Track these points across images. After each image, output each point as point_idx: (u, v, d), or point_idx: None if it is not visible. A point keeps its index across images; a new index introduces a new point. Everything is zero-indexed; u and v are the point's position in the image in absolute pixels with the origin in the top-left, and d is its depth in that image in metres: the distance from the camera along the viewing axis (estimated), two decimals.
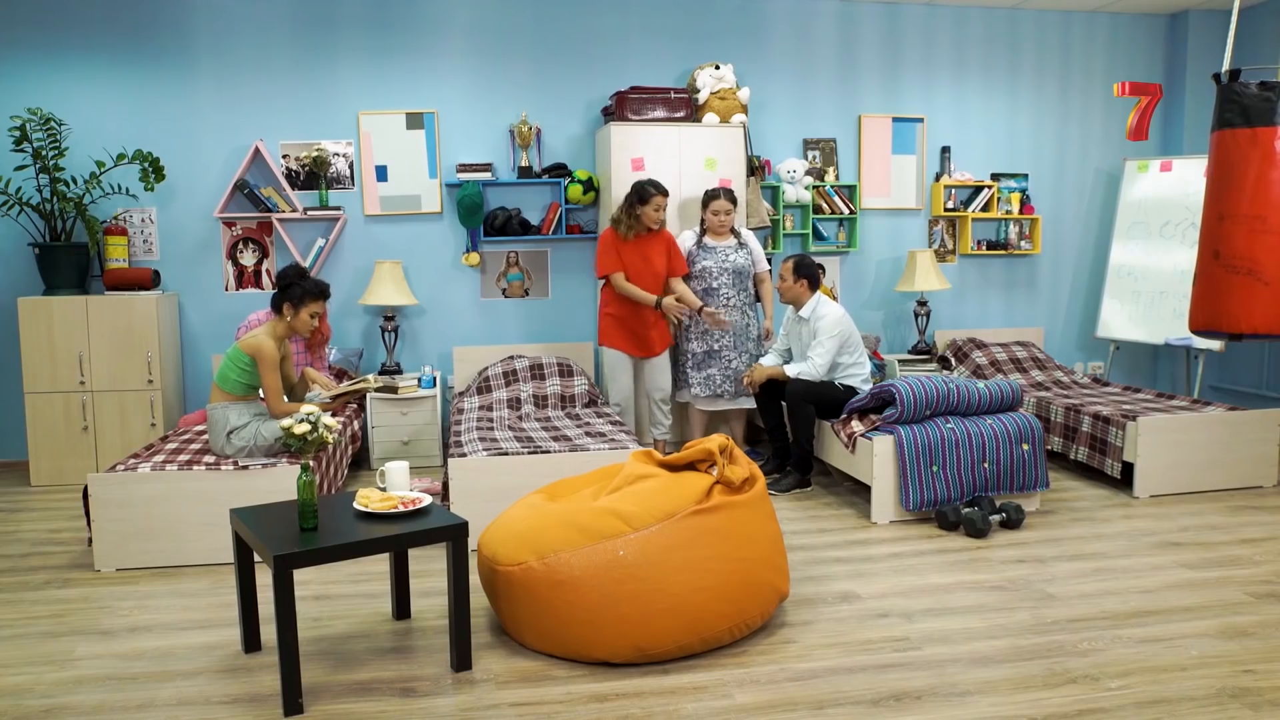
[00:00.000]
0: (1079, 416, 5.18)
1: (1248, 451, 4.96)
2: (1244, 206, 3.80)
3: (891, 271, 6.66)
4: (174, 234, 5.78)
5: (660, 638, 2.95)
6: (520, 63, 6.02)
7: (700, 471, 3.26)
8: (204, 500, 3.95)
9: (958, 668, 2.97)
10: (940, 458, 4.42)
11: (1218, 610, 3.41)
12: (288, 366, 4.26)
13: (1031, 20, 6.64)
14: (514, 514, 3.27)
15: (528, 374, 5.65)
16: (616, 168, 5.60)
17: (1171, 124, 6.86)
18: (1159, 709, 2.70)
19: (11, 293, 5.65)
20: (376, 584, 3.76)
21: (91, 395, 5.34)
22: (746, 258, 5.39)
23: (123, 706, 2.78)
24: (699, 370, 5.37)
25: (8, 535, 4.45)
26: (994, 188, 6.57)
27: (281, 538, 2.78)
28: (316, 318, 4.17)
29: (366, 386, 4.45)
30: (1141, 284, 6.36)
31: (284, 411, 4.05)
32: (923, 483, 4.41)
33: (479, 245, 6.05)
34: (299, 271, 4.16)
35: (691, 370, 5.39)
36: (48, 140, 5.25)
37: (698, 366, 5.38)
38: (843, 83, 6.44)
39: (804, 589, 3.65)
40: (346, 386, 4.43)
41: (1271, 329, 3.83)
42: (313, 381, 4.40)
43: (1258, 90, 3.78)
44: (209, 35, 5.68)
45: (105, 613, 3.50)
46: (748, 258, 5.40)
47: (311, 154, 5.75)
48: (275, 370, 4.02)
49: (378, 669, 3.01)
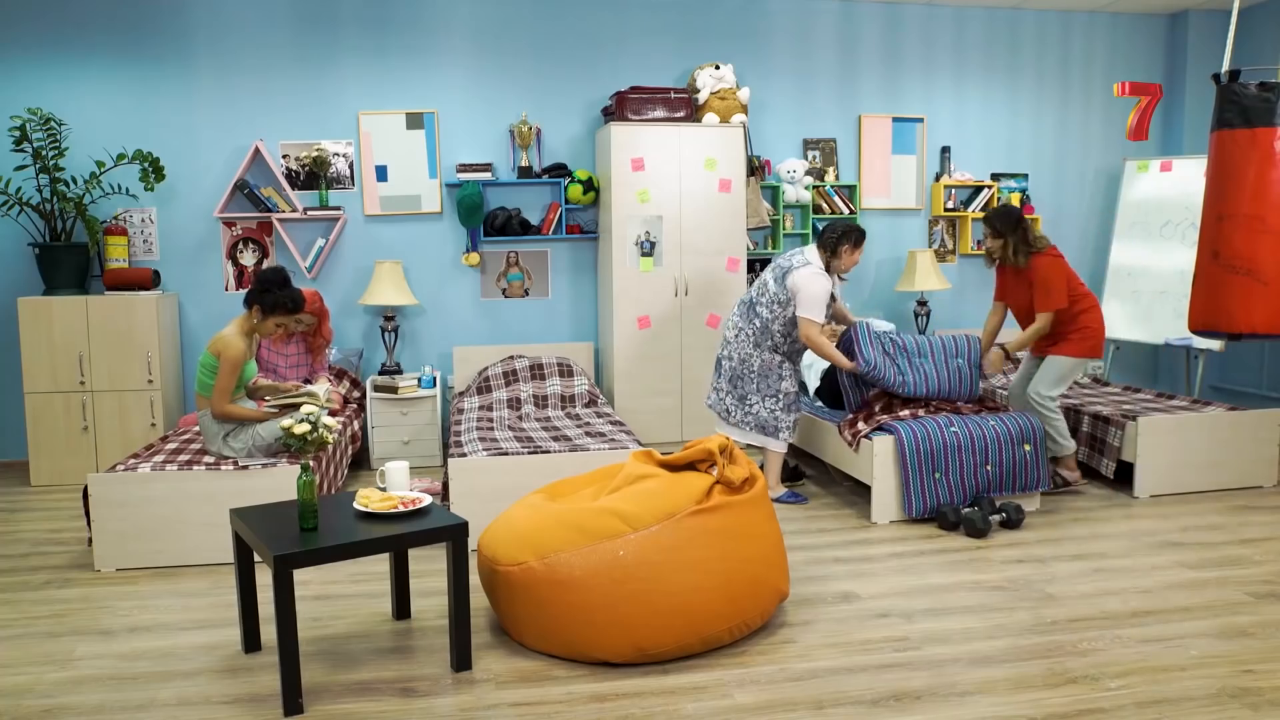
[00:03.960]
0: (1079, 416, 5.18)
1: (1248, 451, 4.96)
2: (1243, 207, 3.80)
3: (891, 271, 6.66)
4: (174, 234, 5.78)
5: (660, 638, 2.95)
6: (520, 63, 6.02)
7: (700, 471, 3.26)
8: (204, 500, 3.95)
9: (958, 668, 2.97)
10: (943, 464, 4.42)
11: (1218, 610, 3.41)
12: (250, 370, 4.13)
13: (1031, 20, 6.64)
14: (514, 514, 3.27)
15: (528, 374, 5.65)
16: (616, 168, 5.60)
17: (1171, 124, 6.86)
18: (1159, 709, 2.70)
19: (11, 293, 5.65)
20: (376, 584, 3.76)
21: (91, 395, 5.34)
22: None
23: (123, 706, 2.78)
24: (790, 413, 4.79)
25: (8, 535, 4.45)
26: (994, 188, 6.58)
27: (281, 538, 2.78)
28: (282, 328, 4.10)
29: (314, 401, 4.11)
30: (1141, 284, 6.36)
31: (225, 413, 4.00)
32: (925, 490, 4.41)
33: (479, 245, 6.05)
34: (282, 279, 4.05)
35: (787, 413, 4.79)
36: (48, 140, 5.25)
37: (789, 409, 4.78)
38: (843, 83, 6.44)
39: (804, 589, 3.65)
40: (290, 398, 4.14)
41: (1271, 329, 3.84)
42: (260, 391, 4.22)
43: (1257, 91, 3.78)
44: (209, 35, 5.68)
45: (105, 613, 3.50)
46: None
47: (311, 154, 5.75)
48: (234, 372, 3.95)
49: (378, 669, 3.01)
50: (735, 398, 4.76)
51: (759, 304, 4.67)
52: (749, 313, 4.71)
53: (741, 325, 4.72)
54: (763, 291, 4.68)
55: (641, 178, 5.64)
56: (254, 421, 4.07)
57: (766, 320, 4.64)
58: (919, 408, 4.63)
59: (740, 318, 4.74)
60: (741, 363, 4.70)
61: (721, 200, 5.75)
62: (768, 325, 4.64)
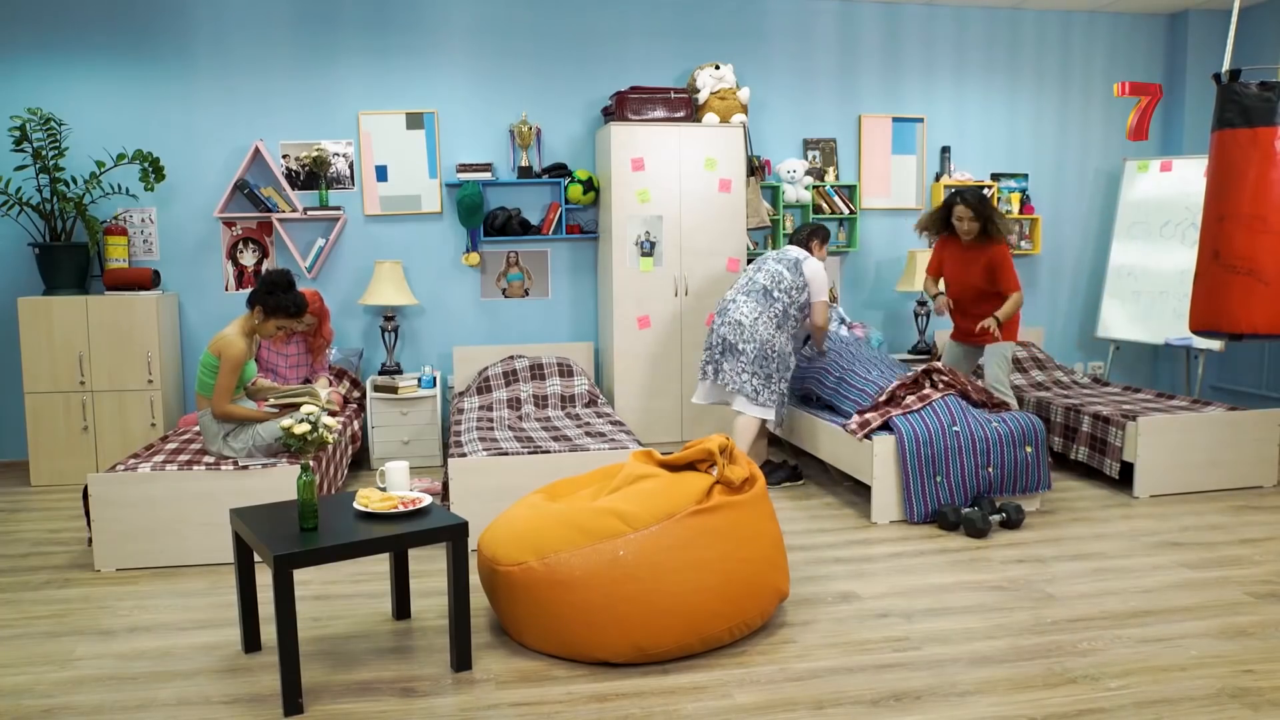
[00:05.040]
0: (1079, 417, 5.18)
1: (1248, 451, 4.96)
2: (1244, 206, 3.80)
3: (891, 271, 6.66)
4: (174, 234, 5.78)
5: (660, 638, 2.95)
6: (520, 63, 6.02)
7: (700, 471, 3.26)
8: (204, 500, 3.95)
9: (958, 668, 2.97)
10: (944, 466, 4.42)
11: (1218, 610, 3.40)
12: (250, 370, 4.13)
13: (1031, 20, 6.64)
14: (514, 514, 3.27)
15: (528, 374, 5.65)
16: (616, 168, 5.60)
17: (1171, 124, 6.86)
18: (1159, 709, 2.70)
19: (11, 293, 5.65)
20: (376, 584, 3.76)
21: (91, 395, 5.34)
22: None
23: (123, 706, 2.78)
24: None
25: (8, 535, 4.45)
26: (994, 188, 6.57)
27: (281, 538, 2.78)
28: (283, 330, 4.12)
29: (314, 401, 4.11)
30: (1142, 284, 6.36)
31: (225, 413, 4.01)
32: (925, 493, 4.41)
33: (479, 245, 6.05)
34: (287, 282, 4.06)
35: None
36: (48, 140, 5.25)
37: None
38: (843, 83, 6.44)
39: (804, 589, 3.65)
40: (289, 398, 4.15)
41: (1271, 329, 3.84)
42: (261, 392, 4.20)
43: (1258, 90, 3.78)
44: (209, 35, 5.68)
45: (105, 613, 3.50)
46: None
47: (311, 154, 5.75)
48: (235, 372, 3.95)
49: (378, 669, 3.01)
50: (761, 378, 4.96)
51: (775, 291, 4.98)
52: (765, 299, 4.98)
53: (760, 311, 4.97)
54: (778, 280, 5.00)
55: (641, 178, 5.64)
56: (254, 421, 4.07)
57: (785, 305, 4.99)
58: (930, 393, 4.63)
59: (757, 304, 4.98)
60: (765, 344, 4.94)
61: (721, 200, 5.75)
62: (787, 310, 5.00)
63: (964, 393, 4.76)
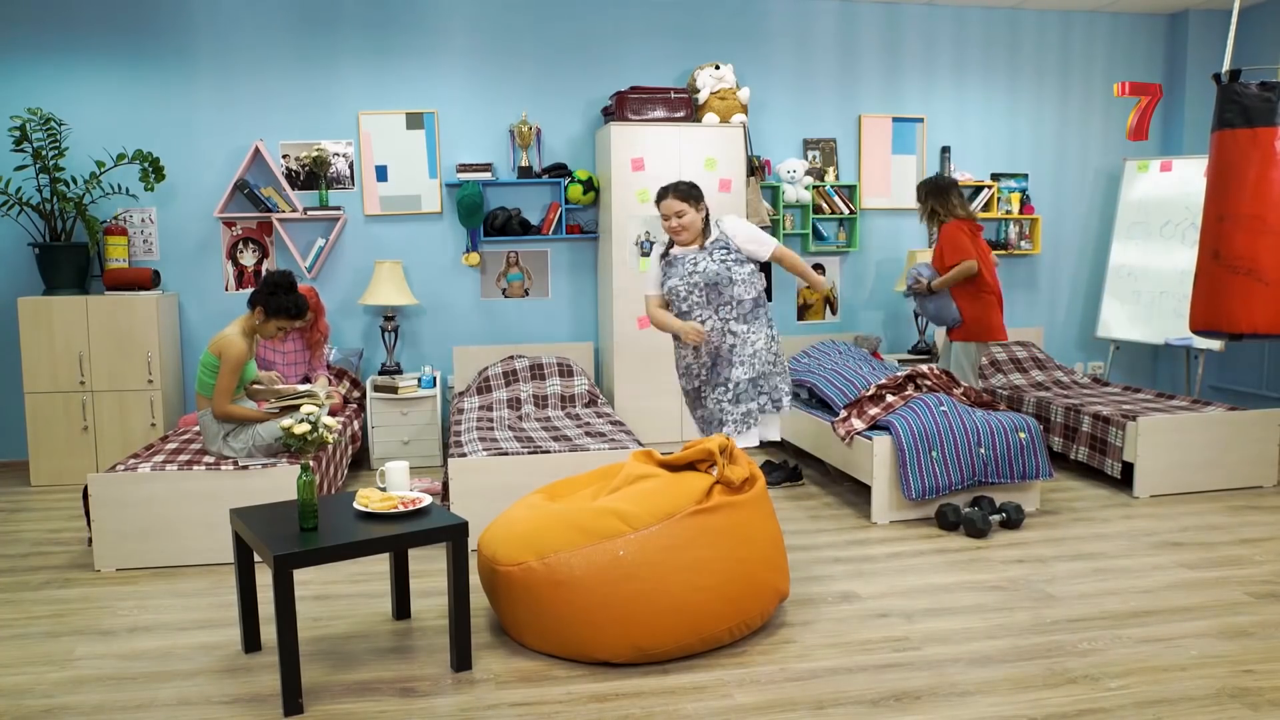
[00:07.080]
0: (1079, 416, 5.18)
1: (1248, 451, 4.96)
2: (1244, 206, 3.80)
3: (892, 271, 6.66)
4: (174, 234, 5.78)
5: (660, 638, 2.95)
6: (520, 63, 6.02)
7: (700, 471, 3.26)
8: (204, 500, 3.95)
9: (958, 668, 2.97)
10: (938, 443, 4.41)
11: (1218, 610, 3.40)
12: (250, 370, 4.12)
13: (1031, 20, 6.64)
14: (514, 514, 3.27)
15: (528, 374, 5.65)
16: (616, 168, 5.60)
17: (1171, 124, 6.86)
18: (1159, 709, 2.70)
19: (11, 293, 5.65)
20: (376, 584, 3.76)
21: (91, 395, 5.34)
22: (721, 260, 3.84)
23: (123, 706, 2.78)
24: None
25: (8, 535, 4.45)
26: (994, 188, 6.57)
27: (281, 538, 2.78)
28: (283, 331, 4.12)
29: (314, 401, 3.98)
30: (1142, 284, 6.36)
31: (225, 413, 4.01)
32: (923, 470, 4.40)
33: (479, 245, 6.05)
34: (289, 283, 4.06)
35: None
36: (48, 140, 5.25)
37: None
38: (843, 83, 6.44)
39: (804, 589, 3.65)
40: (290, 399, 4.03)
41: (1271, 329, 3.83)
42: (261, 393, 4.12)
43: (1258, 90, 3.78)
44: (209, 35, 5.68)
45: (105, 613, 3.49)
46: (723, 260, 3.84)
47: (311, 154, 5.75)
48: (235, 372, 3.96)
49: (378, 669, 3.01)
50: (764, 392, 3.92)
51: (721, 285, 3.82)
52: (715, 298, 3.83)
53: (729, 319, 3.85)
54: (717, 274, 3.81)
55: (641, 178, 5.64)
56: (254, 421, 4.07)
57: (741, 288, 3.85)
58: (908, 393, 4.70)
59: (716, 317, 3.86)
60: (752, 356, 3.86)
61: (721, 200, 5.75)
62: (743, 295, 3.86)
63: (949, 392, 4.79)
